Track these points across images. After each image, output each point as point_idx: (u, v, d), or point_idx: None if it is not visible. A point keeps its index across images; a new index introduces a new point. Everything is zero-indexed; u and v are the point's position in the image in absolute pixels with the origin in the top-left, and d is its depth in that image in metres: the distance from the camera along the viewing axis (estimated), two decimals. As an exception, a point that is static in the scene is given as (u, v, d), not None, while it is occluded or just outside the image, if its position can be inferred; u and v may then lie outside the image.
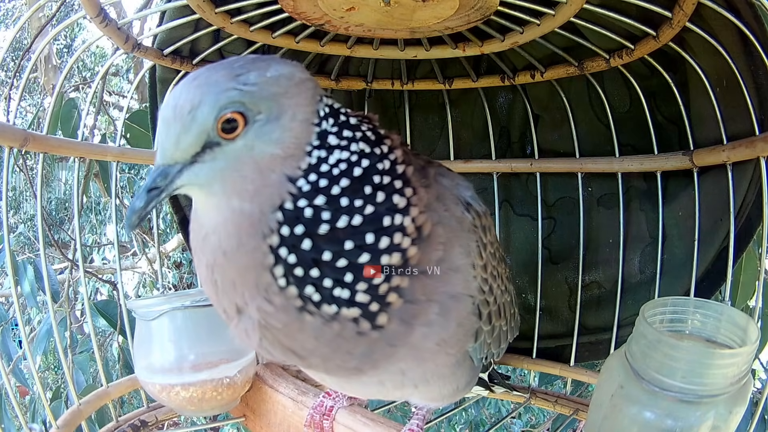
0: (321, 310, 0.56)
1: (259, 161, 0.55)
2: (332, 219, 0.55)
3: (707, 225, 1.06)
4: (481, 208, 0.74)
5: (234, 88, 0.53)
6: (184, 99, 0.53)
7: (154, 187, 0.55)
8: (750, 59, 0.91)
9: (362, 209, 0.56)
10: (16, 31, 2.53)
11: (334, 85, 1.27)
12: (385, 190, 0.58)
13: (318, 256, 0.55)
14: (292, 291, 0.55)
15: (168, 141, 0.54)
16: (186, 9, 0.96)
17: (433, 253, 0.62)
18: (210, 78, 0.54)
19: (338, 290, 0.56)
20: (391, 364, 0.67)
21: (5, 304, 2.38)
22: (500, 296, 0.80)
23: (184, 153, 0.54)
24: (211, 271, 0.59)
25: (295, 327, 0.57)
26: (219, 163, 0.54)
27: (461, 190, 0.71)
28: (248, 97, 0.54)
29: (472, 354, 0.78)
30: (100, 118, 2.75)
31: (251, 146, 0.55)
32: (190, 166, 0.55)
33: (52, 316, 1.06)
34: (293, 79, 0.57)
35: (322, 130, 0.58)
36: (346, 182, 0.56)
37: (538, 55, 1.14)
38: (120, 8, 3.05)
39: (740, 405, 0.69)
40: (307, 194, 0.55)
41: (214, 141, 0.54)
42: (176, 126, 0.53)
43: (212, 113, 0.53)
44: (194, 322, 1.00)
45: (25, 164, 1.65)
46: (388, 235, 0.56)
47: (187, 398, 0.99)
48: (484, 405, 2.75)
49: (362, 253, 0.56)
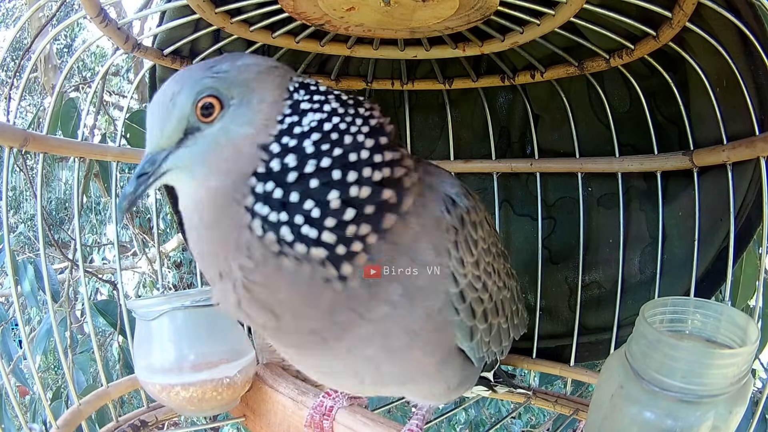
0: (294, 249, 0.58)
1: (235, 141, 0.60)
2: (299, 166, 0.59)
3: (707, 225, 1.06)
4: (469, 203, 0.73)
5: (208, 76, 0.60)
6: (166, 90, 0.61)
7: (142, 173, 0.61)
8: (750, 59, 0.91)
9: (330, 151, 0.59)
10: (16, 31, 2.53)
11: (334, 85, 1.27)
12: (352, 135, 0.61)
13: (287, 199, 0.58)
14: (270, 236, 0.58)
15: (154, 129, 0.61)
16: (186, 9, 0.96)
17: (403, 233, 0.63)
18: (187, 71, 0.62)
19: (307, 228, 0.58)
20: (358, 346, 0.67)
21: (5, 303, 2.38)
22: (497, 293, 0.79)
23: (169, 139, 0.60)
24: (196, 244, 0.63)
25: (274, 275, 0.59)
26: (200, 146, 0.60)
27: (447, 186, 0.71)
28: (221, 83, 0.60)
29: (469, 354, 0.77)
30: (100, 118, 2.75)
31: (227, 128, 0.60)
32: (175, 151, 0.60)
33: (52, 316, 1.06)
34: (260, 66, 0.63)
35: (294, 101, 0.63)
36: (316, 135, 0.60)
37: (538, 55, 1.14)
38: (120, 8, 3.05)
39: (740, 405, 0.69)
40: (278, 154, 0.59)
41: (195, 126, 0.60)
42: (160, 114, 0.60)
43: (190, 98, 0.59)
44: (194, 322, 1.00)
45: (25, 164, 1.65)
46: (354, 169, 0.59)
47: (187, 398, 0.99)
48: (484, 405, 2.75)
49: (330, 190, 0.58)
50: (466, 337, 0.74)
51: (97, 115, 2.09)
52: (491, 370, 0.97)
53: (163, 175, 0.61)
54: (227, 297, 0.62)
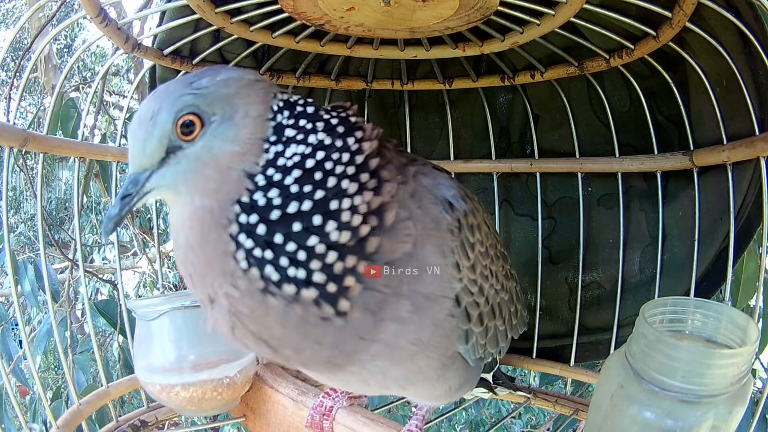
0: (282, 290, 0.58)
1: (219, 160, 0.59)
2: (282, 205, 0.58)
3: (707, 225, 1.06)
4: (467, 206, 0.72)
5: (188, 93, 0.59)
6: (146, 109, 0.60)
7: (126, 194, 0.61)
8: (750, 59, 0.91)
9: (311, 195, 0.59)
10: (16, 31, 2.53)
11: (334, 85, 1.27)
12: (336, 177, 0.60)
13: (270, 239, 0.58)
14: (254, 272, 0.58)
15: (135, 149, 0.60)
16: (186, 9, 0.96)
17: (397, 246, 0.62)
18: (167, 88, 0.61)
19: (293, 269, 0.58)
20: (368, 362, 0.67)
21: (5, 303, 2.38)
22: (494, 296, 0.79)
23: (151, 159, 0.60)
24: (184, 266, 0.62)
25: (261, 311, 0.59)
26: (182, 165, 0.59)
27: (442, 189, 0.70)
28: (201, 99, 0.59)
29: (465, 355, 0.77)
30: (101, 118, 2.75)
31: (210, 146, 0.59)
32: (158, 171, 0.60)
33: (52, 316, 1.06)
34: (242, 81, 0.62)
35: (277, 123, 0.62)
36: (298, 173, 0.59)
37: (538, 55, 1.14)
38: (120, 8, 3.05)
39: (740, 405, 0.69)
40: (263, 188, 0.59)
41: (176, 145, 0.59)
42: (141, 133, 0.59)
43: (170, 117, 0.58)
44: (194, 322, 1.00)
45: (25, 164, 1.65)
46: (335, 218, 0.59)
47: (187, 398, 0.99)
48: (485, 405, 2.75)
49: (310, 236, 0.58)
50: (462, 340, 0.74)
51: (97, 115, 2.09)
52: (490, 372, 0.97)
53: (146, 195, 0.61)
54: (220, 323, 0.62)
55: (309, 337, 0.61)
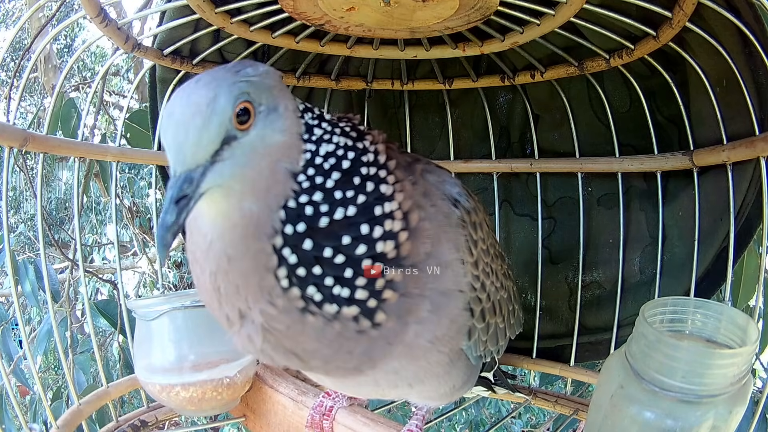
0: (323, 309, 0.57)
1: (271, 151, 0.56)
2: (330, 212, 0.57)
3: (707, 225, 1.06)
4: (470, 204, 0.73)
5: (240, 80, 0.55)
6: (198, 96, 0.53)
7: (182, 196, 0.51)
8: (750, 59, 0.91)
9: (354, 200, 0.58)
10: (16, 31, 2.52)
11: (334, 85, 1.27)
12: (372, 180, 0.59)
13: (320, 254, 0.56)
14: (295, 292, 0.56)
15: (188, 142, 0.52)
16: (186, 9, 0.96)
17: (421, 247, 0.62)
18: (215, 75, 0.55)
19: (338, 288, 0.56)
20: (387, 364, 0.67)
21: (5, 303, 2.38)
22: (494, 293, 0.80)
23: (206, 151, 0.52)
24: (215, 278, 0.58)
25: (297, 329, 0.58)
26: (239, 158, 0.54)
27: (448, 186, 0.71)
28: (252, 87, 0.55)
29: (467, 352, 0.78)
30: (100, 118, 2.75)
31: (262, 135, 0.56)
32: (212, 167, 0.52)
33: (53, 316, 1.07)
34: (278, 75, 0.60)
35: (305, 122, 0.61)
36: (337, 175, 0.58)
37: (538, 55, 1.14)
38: (120, 8, 3.06)
39: (740, 405, 0.69)
40: (307, 190, 0.57)
41: (232, 135, 0.54)
42: (196, 123, 0.52)
43: (229, 103, 0.53)
44: (194, 322, 1.00)
45: (25, 164, 1.65)
46: (380, 224, 0.58)
47: (187, 398, 0.99)
48: (485, 405, 2.75)
49: (359, 245, 0.57)
50: (465, 336, 0.74)
51: (97, 115, 2.09)
52: (491, 371, 0.97)
53: (200, 198, 0.52)
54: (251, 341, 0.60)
55: (342, 349, 0.60)
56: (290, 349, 0.60)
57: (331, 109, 1.34)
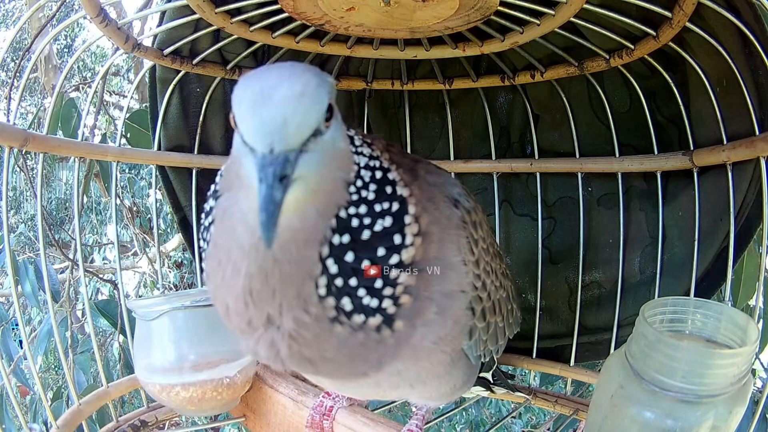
0: (351, 320, 0.58)
1: (337, 156, 0.56)
2: (371, 224, 0.58)
3: (707, 225, 1.06)
4: (470, 204, 0.73)
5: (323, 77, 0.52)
6: (308, 77, 0.50)
7: (284, 174, 0.47)
8: (750, 59, 0.91)
9: (390, 210, 0.59)
10: (16, 31, 2.52)
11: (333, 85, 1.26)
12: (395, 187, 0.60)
13: (358, 266, 0.57)
14: (330, 302, 0.57)
15: (294, 120, 0.48)
16: (186, 9, 0.96)
17: (429, 250, 0.63)
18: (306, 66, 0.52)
19: (368, 299, 0.58)
20: (392, 366, 0.67)
21: (5, 304, 2.38)
22: (494, 292, 0.80)
23: (302, 136, 0.49)
24: (250, 279, 0.56)
25: (323, 338, 0.58)
26: (319, 154, 0.51)
27: (449, 187, 0.71)
28: (332, 89, 0.53)
29: (467, 352, 0.78)
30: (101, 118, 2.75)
31: (334, 137, 0.55)
32: (301, 155, 0.49)
33: (53, 316, 1.07)
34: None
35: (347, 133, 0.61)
36: (374, 186, 0.59)
37: (538, 55, 1.14)
38: (120, 8, 3.06)
39: (740, 405, 0.69)
40: (356, 202, 0.58)
41: (320, 128, 0.51)
42: (305, 102, 0.48)
43: (327, 95, 0.51)
44: (194, 322, 1.00)
45: (26, 164, 1.65)
46: (403, 233, 0.59)
47: (187, 398, 0.99)
48: (485, 405, 2.75)
49: (392, 255, 0.58)
50: (466, 335, 0.75)
51: (97, 115, 2.09)
52: (489, 371, 0.98)
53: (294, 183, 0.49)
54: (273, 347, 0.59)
55: (359, 357, 0.61)
56: (308, 357, 0.60)
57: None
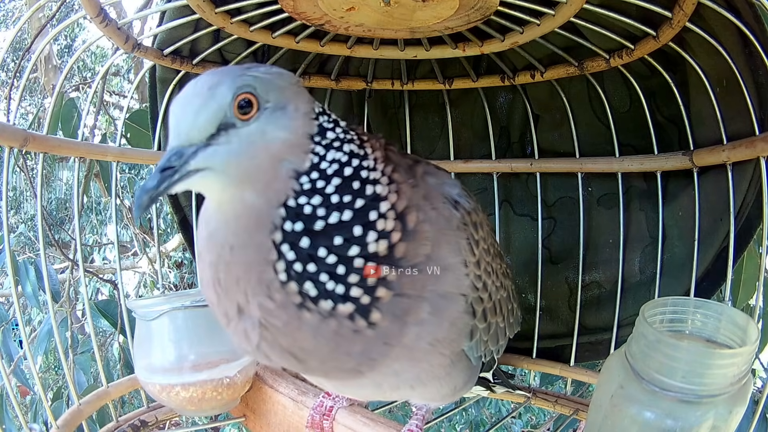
0: (318, 306, 0.58)
1: (271, 147, 0.58)
2: (326, 216, 0.58)
3: (707, 225, 1.06)
4: (470, 204, 0.73)
5: (247, 74, 0.57)
6: (203, 81, 0.57)
7: (168, 166, 0.54)
8: (750, 59, 0.91)
9: (352, 204, 0.59)
10: (16, 31, 2.52)
11: (334, 85, 1.27)
12: (371, 183, 0.61)
13: (314, 252, 0.58)
14: (293, 287, 0.57)
15: (185, 119, 0.55)
16: (186, 9, 0.96)
17: (420, 249, 0.63)
18: (225, 68, 0.60)
19: (332, 284, 0.58)
20: (387, 366, 0.67)
21: (6, 304, 2.38)
22: (495, 292, 0.80)
23: (201, 132, 0.55)
24: (215, 269, 0.60)
25: (294, 325, 0.58)
26: (234, 146, 0.56)
27: (448, 188, 0.71)
28: (259, 83, 0.57)
29: (468, 353, 0.78)
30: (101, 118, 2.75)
31: (263, 130, 0.57)
32: (205, 149, 0.55)
33: (53, 317, 1.07)
34: (293, 78, 0.62)
35: (320, 124, 0.62)
36: (338, 180, 0.60)
37: (538, 55, 1.14)
38: (120, 8, 3.06)
39: (740, 405, 0.69)
40: (307, 192, 0.59)
41: (230, 122, 0.56)
42: (195, 103, 0.55)
43: (230, 91, 0.55)
44: (194, 322, 1.00)
45: (26, 164, 1.65)
46: (373, 227, 0.59)
47: (187, 398, 0.99)
48: (485, 405, 2.75)
49: (351, 246, 0.58)
50: (467, 336, 0.75)
51: (97, 115, 2.09)
52: (490, 370, 0.98)
53: (189, 174, 0.54)
54: (247, 337, 0.60)
55: (340, 349, 0.61)
56: (287, 348, 0.60)
57: (331, 109, 1.34)
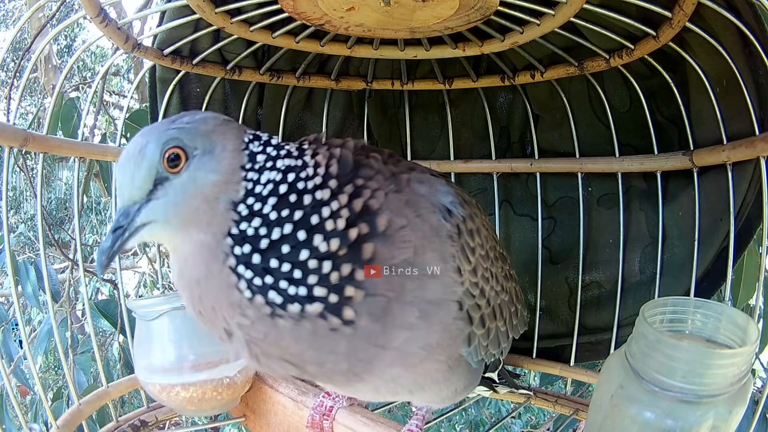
0: (288, 310, 0.61)
1: (203, 190, 0.62)
2: (268, 234, 0.62)
3: (707, 225, 1.06)
4: (464, 211, 0.73)
5: (172, 128, 0.63)
6: (134, 144, 0.63)
7: (118, 226, 0.62)
8: (750, 59, 0.91)
9: (291, 217, 0.62)
10: (16, 31, 2.53)
11: (334, 85, 1.27)
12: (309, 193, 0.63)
13: (267, 265, 0.61)
14: (259, 300, 0.61)
15: (125, 182, 0.63)
16: (186, 9, 0.96)
17: (396, 252, 0.64)
18: (153, 127, 0.65)
19: (293, 288, 0.61)
20: (384, 371, 0.69)
21: (6, 304, 2.38)
22: (495, 298, 0.80)
23: (140, 190, 0.62)
24: (193, 304, 0.65)
25: (274, 334, 0.62)
26: (170, 197, 0.62)
27: (440, 196, 0.72)
28: (185, 134, 0.63)
29: (467, 358, 0.78)
30: (101, 118, 2.75)
31: (194, 177, 0.62)
32: (147, 204, 0.62)
33: (53, 317, 1.07)
34: (218, 119, 0.67)
35: (250, 151, 0.66)
36: (274, 200, 0.63)
37: (538, 55, 1.14)
38: (120, 8, 3.05)
39: (740, 405, 0.69)
40: (246, 217, 0.62)
41: (163, 176, 0.62)
42: (129, 166, 0.62)
43: (157, 149, 0.61)
44: (194, 322, 0.98)
45: (26, 164, 1.65)
46: (318, 231, 0.62)
47: (187, 398, 0.99)
48: (484, 405, 2.75)
49: (301, 251, 0.61)
50: (464, 342, 0.75)
51: (97, 115, 2.09)
52: (495, 371, 0.98)
53: (137, 230, 0.62)
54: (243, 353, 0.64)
55: (323, 348, 0.63)
56: (280, 356, 0.64)
57: (331, 109, 1.34)
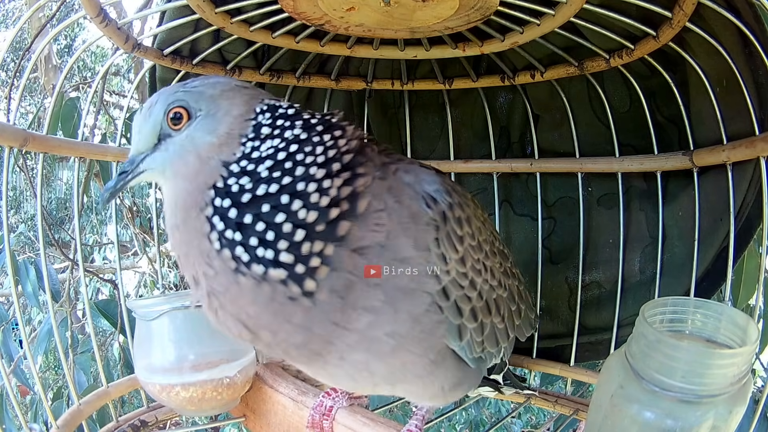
0: (251, 270, 0.62)
1: (199, 148, 0.67)
2: (252, 189, 0.64)
3: (707, 225, 1.06)
4: (453, 199, 0.73)
5: (180, 90, 0.69)
6: (147, 104, 0.71)
7: (123, 171, 0.72)
8: (750, 59, 0.91)
9: (280, 179, 0.64)
10: (16, 31, 2.52)
11: (334, 85, 1.27)
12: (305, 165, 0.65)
13: (241, 220, 0.63)
14: (226, 253, 0.63)
15: (134, 135, 0.71)
16: (186, 9, 0.96)
17: (368, 234, 0.65)
18: (164, 89, 0.72)
19: (261, 250, 0.62)
20: (347, 353, 0.69)
21: (6, 304, 2.38)
22: (489, 291, 0.79)
23: (145, 143, 0.70)
24: (177, 247, 0.69)
25: (234, 290, 0.63)
26: (169, 151, 0.69)
27: (425, 185, 0.72)
28: (190, 96, 0.68)
29: (460, 353, 0.77)
30: (101, 117, 2.75)
31: (192, 136, 0.68)
32: (151, 154, 0.70)
33: (53, 316, 1.07)
34: (229, 85, 0.71)
35: (257, 123, 0.68)
36: (270, 162, 0.65)
37: (538, 55, 1.14)
38: (120, 8, 3.06)
39: (740, 405, 0.69)
40: (236, 174, 0.65)
41: (167, 133, 0.69)
42: (139, 121, 0.70)
43: (162, 108, 0.68)
44: (194, 322, 1.00)
45: (26, 164, 1.65)
46: (301, 198, 0.63)
47: (187, 398, 0.99)
48: (485, 405, 2.75)
49: (278, 213, 0.62)
50: (455, 336, 0.74)
51: (98, 115, 2.09)
52: (501, 372, 0.97)
53: (139, 174, 0.71)
54: (205, 303, 0.67)
55: (279, 315, 0.64)
56: (236, 315, 0.65)
57: (331, 109, 1.34)
